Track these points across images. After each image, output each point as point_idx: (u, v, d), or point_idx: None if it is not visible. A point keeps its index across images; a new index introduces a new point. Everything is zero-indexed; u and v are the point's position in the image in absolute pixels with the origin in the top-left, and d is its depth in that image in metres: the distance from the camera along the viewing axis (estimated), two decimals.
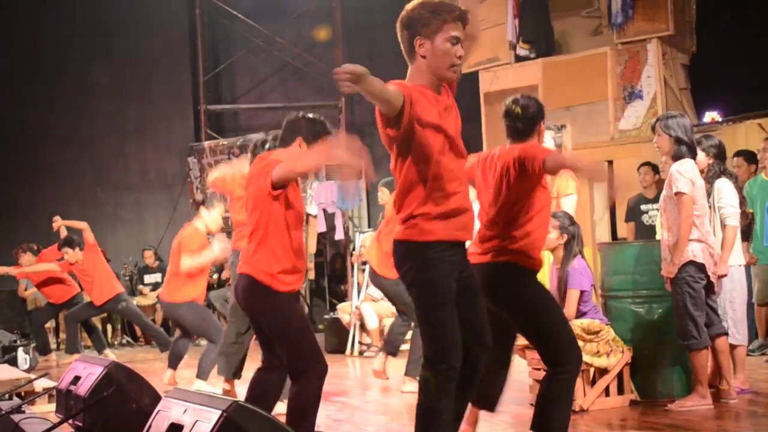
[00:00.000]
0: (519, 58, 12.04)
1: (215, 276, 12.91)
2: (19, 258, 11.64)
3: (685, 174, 6.06)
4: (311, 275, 13.27)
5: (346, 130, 15.09)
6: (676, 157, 6.19)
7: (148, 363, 10.89)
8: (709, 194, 6.48)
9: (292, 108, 15.45)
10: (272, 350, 5.00)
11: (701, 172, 6.36)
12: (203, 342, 9.09)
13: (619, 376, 6.39)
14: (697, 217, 6.08)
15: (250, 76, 16.04)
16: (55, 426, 4.79)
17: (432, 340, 4.01)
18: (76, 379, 5.44)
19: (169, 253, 8.47)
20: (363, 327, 10.76)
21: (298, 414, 4.75)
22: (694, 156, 6.23)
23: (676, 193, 6.06)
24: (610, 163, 10.99)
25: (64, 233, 11.29)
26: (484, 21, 12.14)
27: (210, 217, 8.13)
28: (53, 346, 12.78)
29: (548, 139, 7.56)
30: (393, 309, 10.29)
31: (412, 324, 7.67)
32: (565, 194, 7.37)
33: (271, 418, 3.62)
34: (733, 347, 6.57)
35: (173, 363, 8.64)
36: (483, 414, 6.53)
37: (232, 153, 14.34)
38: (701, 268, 6.06)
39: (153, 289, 13.82)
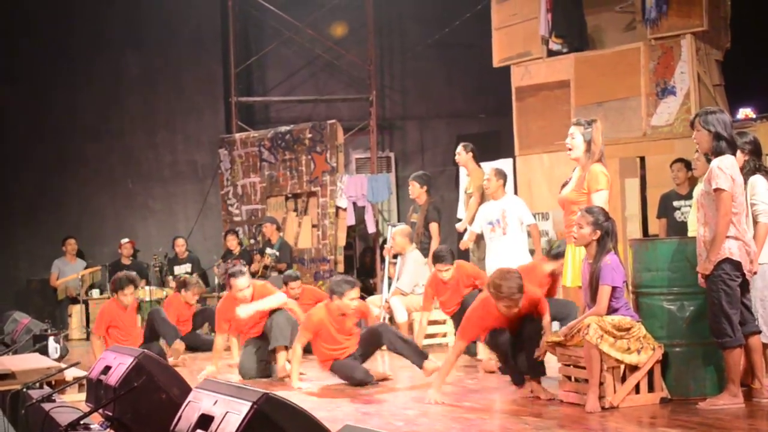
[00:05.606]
0: (551, 53, 11.97)
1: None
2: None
3: (726, 170, 5.98)
4: (340, 268, 13.25)
5: (376, 123, 15.08)
6: (716, 153, 6.11)
7: None
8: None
9: (323, 101, 15.49)
10: None
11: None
12: None
13: (650, 373, 6.34)
14: (735, 215, 6.00)
15: (282, 68, 16.07)
16: (86, 415, 4.82)
17: None
18: (107, 368, 5.46)
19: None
20: (392, 320, 10.73)
21: None
22: (734, 152, 6.15)
23: (716, 190, 5.98)
24: (642, 159, 10.91)
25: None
26: (517, 15, 12.12)
27: None
28: (83, 335, 12.87)
29: (577, 135, 7.50)
30: (421, 303, 10.30)
31: None
32: (596, 190, 7.29)
33: (301, 410, 3.61)
34: (765, 346, 6.51)
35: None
36: (511, 410, 6.53)
37: (263, 145, 14.36)
38: (737, 265, 5.99)
39: None
